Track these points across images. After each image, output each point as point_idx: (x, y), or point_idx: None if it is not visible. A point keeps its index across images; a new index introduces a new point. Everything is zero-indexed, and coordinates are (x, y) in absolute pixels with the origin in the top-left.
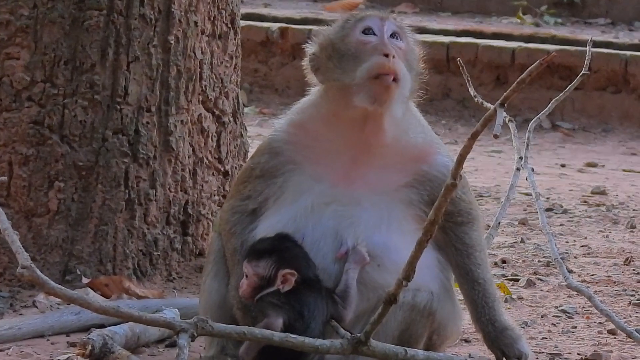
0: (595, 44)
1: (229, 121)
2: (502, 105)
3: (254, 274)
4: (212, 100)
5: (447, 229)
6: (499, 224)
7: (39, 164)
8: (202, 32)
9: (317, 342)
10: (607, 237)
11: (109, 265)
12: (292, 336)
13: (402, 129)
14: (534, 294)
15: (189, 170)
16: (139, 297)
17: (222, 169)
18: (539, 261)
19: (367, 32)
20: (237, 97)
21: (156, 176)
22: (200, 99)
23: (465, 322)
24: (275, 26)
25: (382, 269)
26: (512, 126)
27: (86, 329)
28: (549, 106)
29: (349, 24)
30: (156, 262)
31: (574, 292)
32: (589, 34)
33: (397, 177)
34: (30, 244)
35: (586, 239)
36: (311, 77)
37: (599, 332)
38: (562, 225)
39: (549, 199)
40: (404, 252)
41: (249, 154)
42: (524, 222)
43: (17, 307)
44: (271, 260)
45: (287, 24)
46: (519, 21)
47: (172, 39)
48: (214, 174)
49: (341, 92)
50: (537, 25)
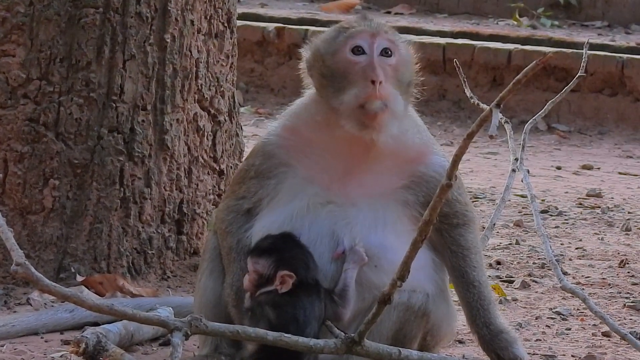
0: (591, 47)
1: (225, 120)
2: (497, 106)
3: (254, 270)
4: (208, 99)
5: (443, 230)
6: (493, 225)
7: (34, 162)
8: (199, 31)
9: (311, 341)
10: (602, 239)
11: (104, 263)
12: (286, 335)
13: (398, 134)
14: (529, 296)
15: (184, 169)
16: (133, 296)
17: (218, 168)
18: (534, 263)
19: (357, 51)
20: (233, 96)
21: (151, 174)
22: (196, 98)
23: (459, 323)
24: (271, 26)
25: (379, 269)
26: (507, 128)
27: (80, 327)
28: (545, 108)
29: (339, 39)
30: (150, 261)
31: (569, 294)
32: (585, 37)
33: (393, 179)
34: (24, 241)
35: (581, 241)
36: (307, 80)
37: (593, 334)
38: (557, 227)
39: (544, 201)
40: (400, 252)
41: (245, 154)
42: (519, 224)
43: (11, 304)
44: (271, 259)
45: (283, 24)
46: (516, 23)
47: (168, 38)
48: (209, 173)
49: (332, 110)
50: (534, 27)
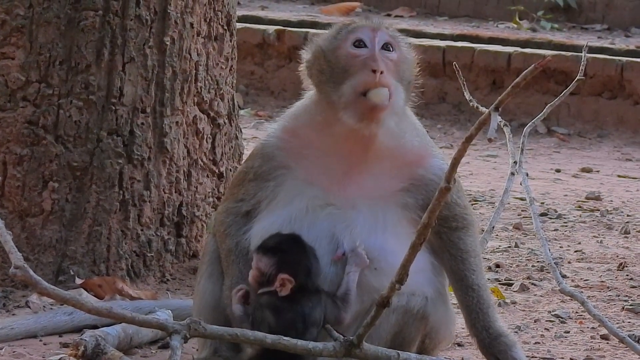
0: (591, 50)
1: (224, 123)
2: (496, 109)
3: (257, 267)
4: (208, 102)
5: (442, 234)
6: (492, 228)
7: (34, 164)
8: (198, 34)
9: (310, 344)
10: (601, 242)
11: (103, 266)
12: (284, 338)
13: (397, 134)
14: (528, 299)
15: (184, 171)
16: (132, 298)
17: (217, 171)
18: (533, 266)
19: (358, 44)
20: (233, 99)
21: (150, 177)
22: (195, 101)
23: (458, 326)
24: (271, 29)
25: (379, 272)
26: (507, 131)
27: (79, 330)
28: (544, 111)
29: (340, 34)
30: (150, 264)
31: (568, 297)
32: (585, 40)
33: (393, 182)
34: (23, 244)
35: (580, 244)
36: (306, 82)
37: (592, 337)
38: (556, 230)
39: (543, 203)
40: (399, 255)
41: (244, 156)
42: (518, 227)
43: (10, 307)
44: (273, 259)
45: (283, 26)
46: (516, 26)
47: (167, 40)
48: (208, 176)
49: (331, 107)
50: (534, 30)
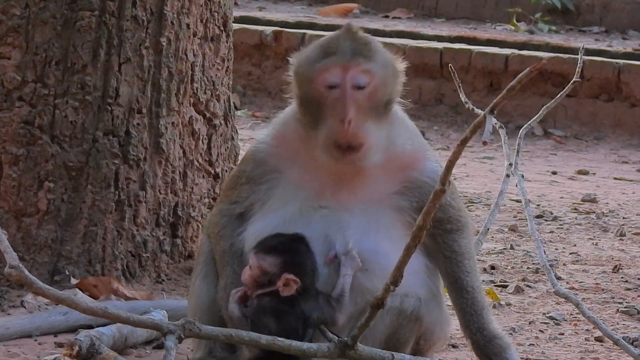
0: (588, 52)
1: (220, 124)
2: (491, 112)
3: (258, 266)
4: (204, 102)
5: (437, 236)
6: (487, 230)
7: (29, 164)
8: (194, 35)
9: (305, 345)
10: (597, 244)
11: (98, 266)
12: (279, 339)
13: (389, 140)
14: (522, 301)
15: (179, 172)
16: (128, 299)
17: (213, 172)
18: (528, 268)
19: (330, 85)
20: (229, 100)
21: (146, 178)
22: (191, 101)
23: (452, 327)
24: (269, 30)
25: (371, 274)
26: (502, 132)
27: (74, 330)
28: (540, 113)
29: (314, 69)
30: (145, 264)
31: (562, 299)
32: (582, 42)
33: (386, 186)
34: (19, 243)
35: (575, 246)
36: (291, 93)
37: (586, 340)
38: (551, 232)
39: (539, 205)
40: (392, 257)
41: (240, 157)
42: (513, 229)
43: (5, 307)
44: (280, 259)
45: (281, 27)
46: (513, 28)
47: (164, 41)
48: (204, 177)
49: (312, 136)
50: (531, 32)
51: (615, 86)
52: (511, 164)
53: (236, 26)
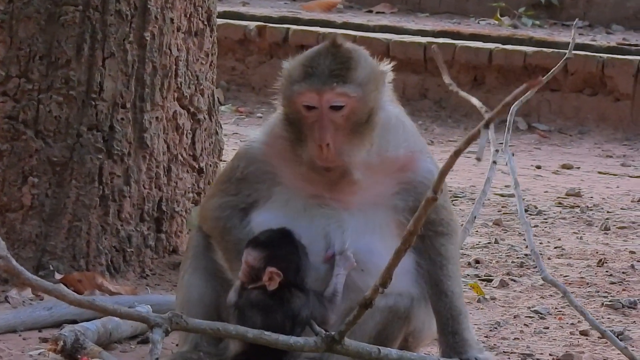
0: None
1: (204, 118)
2: (486, 126)
3: (246, 261)
4: (188, 97)
5: (426, 238)
6: (474, 217)
7: (13, 159)
8: (178, 29)
9: (292, 339)
10: (581, 238)
11: (82, 261)
12: (266, 333)
13: (383, 142)
14: (507, 295)
15: (164, 167)
16: (112, 294)
17: (197, 166)
18: (513, 262)
19: (308, 107)
20: (213, 95)
21: (130, 173)
22: (175, 96)
23: None
24: (253, 25)
25: (366, 273)
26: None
27: (58, 325)
28: (530, 92)
29: (293, 88)
30: (129, 259)
31: (547, 293)
32: (566, 36)
33: (383, 187)
34: (3, 239)
35: (560, 240)
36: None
37: (571, 333)
38: (536, 226)
39: (524, 200)
40: (387, 257)
41: (224, 152)
42: (498, 223)
43: None
44: (263, 254)
45: (265, 22)
46: (497, 22)
47: (148, 36)
48: (188, 171)
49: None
50: (515, 27)
51: (599, 80)
52: (497, 151)
53: (220, 21)
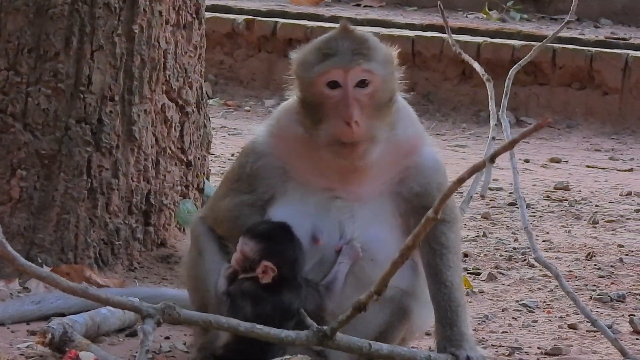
0: (560, 40)
1: (193, 111)
2: (492, 160)
3: (241, 250)
4: (176, 90)
5: None
6: (471, 197)
7: (2, 152)
8: (167, 22)
9: (283, 333)
10: (570, 232)
11: (71, 254)
12: (257, 326)
13: (392, 129)
14: (495, 288)
15: (152, 160)
16: (100, 286)
17: (185, 159)
18: (501, 255)
19: (332, 85)
20: (201, 88)
21: (119, 165)
22: (163, 89)
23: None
24: (241, 18)
25: (375, 263)
26: (489, 86)
27: (46, 318)
28: (532, 52)
29: (314, 71)
30: (118, 252)
31: (536, 287)
32: (554, 30)
33: (390, 173)
34: None
35: (548, 233)
36: (291, 89)
37: (560, 327)
38: None
39: (511, 193)
40: (394, 246)
41: (212, 145)
42: (486, 217)
43: None
44: (259, 245)
45: (253, 16)
46: (485, 16)
47: (136, 28)
48: (176, 164)
49: (313, 135)
50: (503, 20)
51: (587, 74)
52: (497, 124)
53: (208, 15)
